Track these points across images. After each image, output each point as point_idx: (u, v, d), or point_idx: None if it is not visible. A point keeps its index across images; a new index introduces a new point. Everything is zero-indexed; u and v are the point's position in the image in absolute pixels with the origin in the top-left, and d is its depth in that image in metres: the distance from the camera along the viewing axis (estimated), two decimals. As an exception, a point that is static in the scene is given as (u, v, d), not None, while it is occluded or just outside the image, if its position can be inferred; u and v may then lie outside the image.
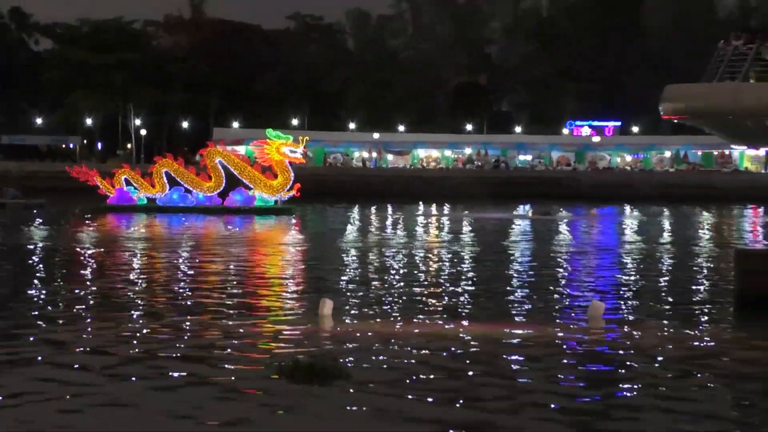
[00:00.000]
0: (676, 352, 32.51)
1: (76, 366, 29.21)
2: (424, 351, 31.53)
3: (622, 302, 43.42)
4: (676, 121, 48.17)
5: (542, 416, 24.47)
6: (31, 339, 33.39)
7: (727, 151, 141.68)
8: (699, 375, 29.53)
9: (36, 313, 39.08)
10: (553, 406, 25.55)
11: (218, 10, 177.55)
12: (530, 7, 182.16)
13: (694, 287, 49.09)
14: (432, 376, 28.36)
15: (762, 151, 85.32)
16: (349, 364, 28.62)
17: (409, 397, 25.98)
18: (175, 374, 28.40)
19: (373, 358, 30.27)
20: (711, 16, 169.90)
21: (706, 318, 39.60)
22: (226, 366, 29.46)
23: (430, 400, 25.56)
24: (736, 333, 37.00)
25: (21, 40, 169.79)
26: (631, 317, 39.25)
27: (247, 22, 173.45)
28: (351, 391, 26.21)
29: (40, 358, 30.51)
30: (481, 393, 26.42)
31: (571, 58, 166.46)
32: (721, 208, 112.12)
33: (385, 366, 29.32)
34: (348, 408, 24.82)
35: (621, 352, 32.66)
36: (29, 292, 44.92)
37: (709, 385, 28.37)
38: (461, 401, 25.52)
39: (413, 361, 30.17)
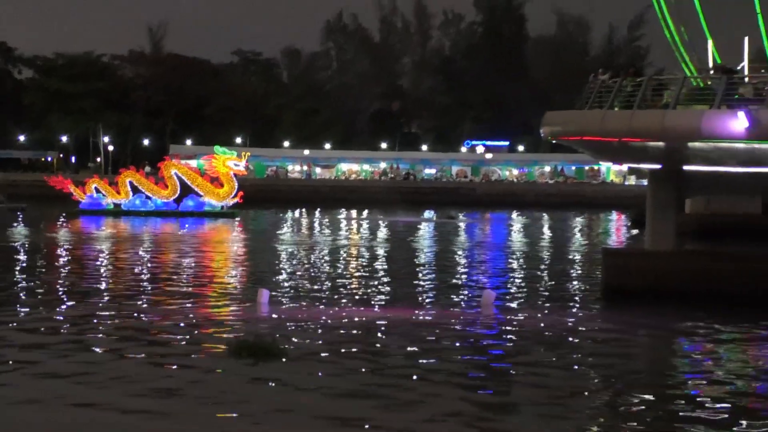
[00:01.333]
0: (552, 332, 32.87)
1: (44, 344, 29.05)
2: (347, 332, 31.69)
3: (510, 291, 43.65)
4: (554, 141, 48.43)
5: (440, 387, 24.69)
6: (8, 319, 33.13)
7: (596, 167, 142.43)
8: (570, 352, 29.90)
9: (14, 297, 38.89)
10: (450, 379, 25.81)
11: (174, 46, 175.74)
12: (435, 47, 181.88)
13: (568, 279, 49.40)
14: (353, 353, 28.51)
15: (624, 167, 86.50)
16: (285, 344, 28.72)
17: (335, 370, 26.15)
18: (132, 354, 28.28)
19: (305, 338, 30.38)
20: (583, 54, 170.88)
21: (577, 305, 39.99)
22: (179, 346, 29.41)
23: (351, 373, 25.81)
24: (601, 317, 37.41)
25: (6, 71, 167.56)
26: (516, 304, 39.49)
27: (198, 57, 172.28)
28: (287, 365, 26.47)
29: (12, 336, 30.38)
30: (391, 368, 26.70)
31: (468, 89, 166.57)
32: (591, 213, 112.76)
33: (314, 345, 29.41)
34: (285, 379, 25.01)
35: (508, 333, 32.96)
36: (12, 280, 44.51)
37: (578, 359, 28.76)
38: (374, 374, 25.88)
39: (338, 340, 30.31)
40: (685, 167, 41.42)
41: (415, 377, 25.58)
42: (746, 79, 42.20)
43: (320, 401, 23.14)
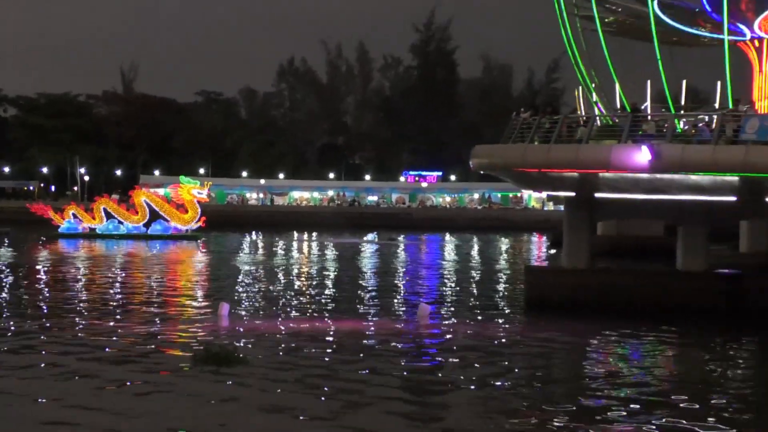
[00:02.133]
0: (480, 340, 33.13)
1: (22, 356, 28.91)
2: (300, 341, 31.73)
3: (444, 304, 43.82)
4: (482, 171, 48.67)
5: (380, 390, 24.84)
6: None
7: (518, 194, 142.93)
8: (499, 356, 30.11)
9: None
10: (391, 381, 25.95)
11: (144, 86, 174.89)
12: (375, 88, 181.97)
13: (495, 293, 49.66)
14: (305, 359, 28.58)
15: (544, 194, 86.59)
16: (244, 352, 28.71)
17: (289, 375, 26.19)
18: (110, 361, 28.15)
19: (262, 347, 30.39)
20: (507, 94, 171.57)
21: (504, 316, 40.18)
22: (149, 353, 29.35)
23: (303, 378, 25.87)
24: (525, 326, 37.64)
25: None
26: (449, 315, 39.65)
27: (165, 97, 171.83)
28: (246, 371, 26.47)
29: None
30: (338, 374, 26.77)
31: (405, 125, 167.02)
32: (515, 236, 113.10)
33: (270, 353, 29.43)
34: (244, 384, 25.03)
35: (442, 341, 33.11)
36: None
37: (503, 363, 28.97)
38: (324, 379, 25.93)
39: (292, 348, 30.38)
40: (597, 194, 41.83)
41: (358, 381, 25.76)
42: (649, 117, 42.82)
43: (276, 404, 23.21)
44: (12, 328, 34.55)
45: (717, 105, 56.52)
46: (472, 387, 25.58)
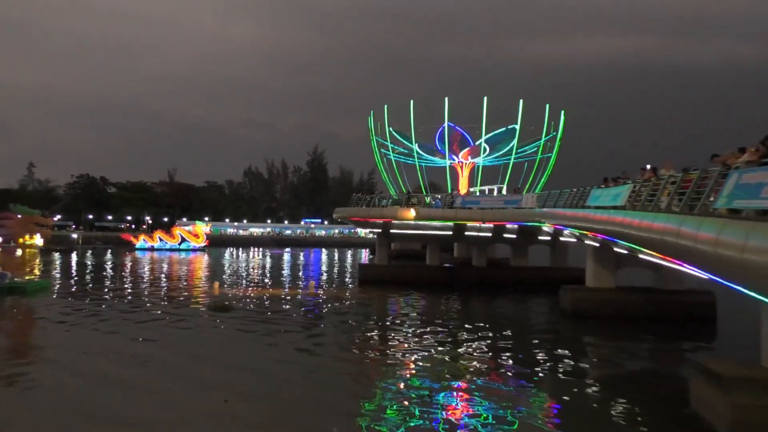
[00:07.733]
0: (335, 299, 33.07)
1: (103, 316, 27.51)
2: (256, 300, 31.12)
3: (320, 281, 43.49)
4: (339, 219, 48.75)
5: (290, 327, 24.54)
6: (102, 305, 31.11)
7: (355, 230, 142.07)
8: (343, 306, 30.13)
9: (101, 285, 36.56)
10: (295, 323, 25.71)
11: (180, 177, 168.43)
12: (290, 181, 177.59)
13: (345, 275, 49.04)
14: (260, 308, 28.05)
15: (368, 230, 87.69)
16: (233, 305, 28.02)
17: (255, 315, 25.69)
18: (153, 312, 27.10)
19: (241, 303, 29.69)
20: (350, 184, 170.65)
21: (349, 287, 40.18)
22: (179, 307, 28.30)
23: (260, 316, 25.38)
24: (359, 291, 37.74)
25: (104, 189, 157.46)
26: (323, 286, 39.37)
27: (188, 183, 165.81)
28: (235, 315, 25.82)
29: (91, 315, 28.55)
30: (272, 313, 26.34)
31: (303, 199, 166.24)
32: (355, 249, 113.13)
33: (244, 305, 28.79)
34: (236, 322, 24.43)
35: (319, 300, 32.91)
36: (100, 278, 41.67)
37: (346, 310, 29.04)
38: (270, 318, 25.39)
39: (254, 303, 29.76)
40: (391, 230, 42.58)
41: (281, 320, 25.43)
42: (414, 196, 43.94)
43: (250, 330, 22.70)
44: (108, 292, 32.73)
45: (443, 192, 58.30)
46: (332, 323, 25.53)
